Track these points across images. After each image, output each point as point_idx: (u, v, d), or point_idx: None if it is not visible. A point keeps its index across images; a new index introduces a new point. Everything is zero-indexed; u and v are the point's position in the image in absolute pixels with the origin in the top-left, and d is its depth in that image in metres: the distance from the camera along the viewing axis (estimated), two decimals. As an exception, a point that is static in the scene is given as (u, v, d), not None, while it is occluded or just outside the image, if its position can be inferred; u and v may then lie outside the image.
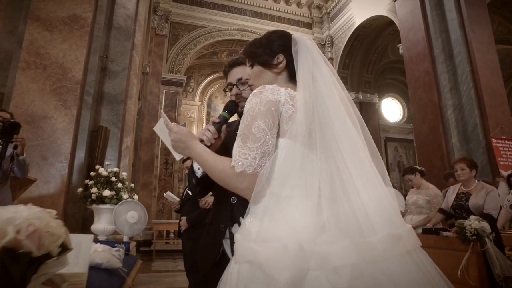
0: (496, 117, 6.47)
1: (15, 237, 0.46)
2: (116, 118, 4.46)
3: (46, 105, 3.86)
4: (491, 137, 6.14)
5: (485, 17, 7.32)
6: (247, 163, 0.81)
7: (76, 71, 4.04)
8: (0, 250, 0.44)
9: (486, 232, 2.32)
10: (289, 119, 0.85)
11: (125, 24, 4.85)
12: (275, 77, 0.99)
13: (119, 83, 4.62)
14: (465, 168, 2.92)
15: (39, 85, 3.90)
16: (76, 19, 4.23)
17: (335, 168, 0.78)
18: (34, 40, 4.03)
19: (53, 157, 3.74)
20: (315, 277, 0.67)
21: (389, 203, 0.76)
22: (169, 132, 0.96)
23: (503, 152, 6.14)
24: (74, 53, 4.09)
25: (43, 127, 3.78)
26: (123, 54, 4.74)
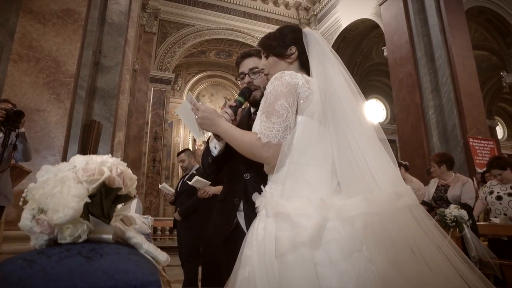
0: (473, 118, 6.84)
1: (111, 175, 0.56)
2: (109, 112, 4.48)
3: (39, 98, 3.86)
4: (468, 137, 6.49)
5: (464, 24, 7.71)
6: (272, 134, 0.94)
7: (69, 65, 4.05)
8: (101, 183, 0.55)
9: (464, 219, 2.52)
10: (306, 99, 0.99)
11: (118, 19, 4.88)
12: (288, 66, 1.13)
13: (111, 78, 4.64)
14: (434, 165, 3.15)
15: (31, 78, 3.90)
16: (70, 13, 4.23)
17: (345, 140, 0.92)
18: (26, 32, 4.02)
19: (46, 150, 3.74)
20: (334, 226, 0.80)
21: (391, 168, 0.91)
22: (195, 111, 1.07)
23: (479, 151, 6.50)
24: (67, 47, 4.10)
25: (36, 120, 3.78)
26: (116, 50, 4.77)
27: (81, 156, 0.63)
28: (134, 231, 0.61)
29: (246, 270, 0.85)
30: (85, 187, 0.54)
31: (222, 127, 1.04)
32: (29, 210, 0.55)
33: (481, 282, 0.81)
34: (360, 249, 0.79)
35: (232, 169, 1.30)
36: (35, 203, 0.54)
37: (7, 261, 0.47)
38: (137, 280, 0.45)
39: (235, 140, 1.01)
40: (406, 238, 0.82)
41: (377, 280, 0.74)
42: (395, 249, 0.80)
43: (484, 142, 6.57)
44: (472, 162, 6.35)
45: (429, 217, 0.90)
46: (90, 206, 0.54)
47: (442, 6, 7.51)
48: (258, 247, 0.86)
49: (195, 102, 1.08)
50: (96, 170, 0.56)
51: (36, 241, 0.55)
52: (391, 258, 0.79)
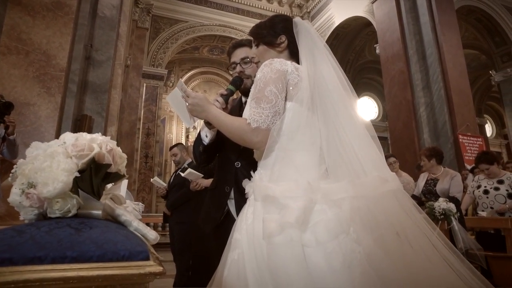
0: (462, 115, 6.95)
1: (100, 151, 0.57)
2: (101, 107, 4.45)
3: (28, 92, 3.81)
4: (458, 133, 6.59)
5: (454, 22, 7.81)
6: (261, 120, 0.96)
7: (60, 58, 4.00)
8: (90, 159, 0.55)
9: (452, 211, 2.58)
10: (295, 86, 1.00)
11: (110, 13, 4.83)
12: (278, 55, 1.14)
13: (103, 73, 4.60)
14: (424, 159, 3.20)
15: (21, 71, 3.84)
16: (60, 6, 4.17)
17: (333, 127, 0.94)
18: (15, 25, 3.95)
19: (36, 144, 3.70)
20: (321, 208, 0.82)
21: (376, 154, 0.93)
22: (185, 98, 1.08)
23: (468, 148, 6.61)
24: (58, 40, 4.04)
25: (25, 113, 3.73)
26: (108, 44, 4.72)
27: (71, 133, 0.63)
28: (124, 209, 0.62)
29: (235, 252, 0.87)
30: (75, 162, 0.54)
31: (212, 113, 1.04)
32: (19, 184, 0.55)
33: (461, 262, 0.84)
34: (347, 231, 0.81)
35: (223, 157, 1.31)
36: (25, 177, 0.54)
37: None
38: (125, 250, 0.46)
39: (225, 125, 1.02)
40: (391, 220, 0.85)
41: (363, 259, 0.76)
42: (381, 231, 0.83)
43: (473, 139, 6.69)
44: (461, 158, 6.46)
45: (412, 202, 0.92)
46: (80, 181, 0.54)
47: (434, 5, 7.59)
48: (247, 230, 0.88)
49: (185, 89, 1.08)
50: (86, 146, 0.56)
51: (25, 215, 0.55)
52: (377, 239, 0.81)
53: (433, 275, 0.79)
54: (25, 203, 0.53)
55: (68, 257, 0.43)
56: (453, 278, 0.81)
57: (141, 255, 0.47)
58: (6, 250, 0.41)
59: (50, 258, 0.42)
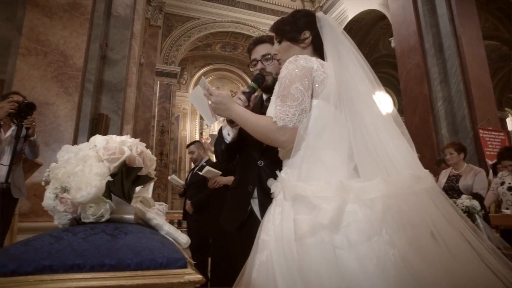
0: (483, 109, 6.73)
1: (131, 154, 0.56)
2: (117, 106, 4.50)
3: (47, 92, 3.88)
4: (479, 128, 6.40)
5: (473, 13, 7.55)
6: (287, 118, 0.93)
7: (77, 58, 4.06)
8: (122, 162, 0.54)
9: (476, 209, 2.49)
10: (321, 83, 0.97)
11: (124, 12, 4.87)
12: (302, 51, 1.11)
13: (118, 72, 4.65)
14: (453, 152, 3.10)
15: (40, 71, 3.91)
16: (76, 6, 4.23)
17: (361, 123, 0.91)
18: (34, 26, 4.03)
19: (56, 144, 3.77)
20: (353, 209, 0.79)
21: (408, 151, 0.90)
22: (208, 96, 1.06)
23: (489, 143, 6.41)
24: (74, 40, 4.10)
25: (45, 113, 3.81)
26: (122, 43, 4.77)
27: (101, 136, 0.62)
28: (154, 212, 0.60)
29: (263, 254, 0.85)
30: (107, 165, 0.53)
31: (236, 111, 1.02)
32: (52, 189, 0.55)
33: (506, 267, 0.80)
34: (380, 232, 0.78)
35: (245, 156, 1.29)
36: (58, 182, 0.54)
37: (34, 238, 0.47)
38: (163, 257, 0.45)
39: (250, 124, 1.00)
40: (426, 221, 0.81)
41: (398, 262, 0.74)
42: (415, 231, 0.80)
43: (494, 133, 6.48)
44: (482, 153, 6.27)
45: (448, 201, 0.89)
46: (112, 185, 0.53)
47: (452, -5, 7.35)
48: (275, 231, 0.86)
49: (208, 87, 1.07)
50: (117, 149, 0.55)
51: (59, 220, 0.54)
52: (411, 240, 0.78)
53: (472, 278, 0.75)
54: (59, 208, 0.52)
55: (107, 265, 0.42)
56: (494, 281, 0.77)
57: (179, 262, 0.46)
58: (46, 257, 0.40)
59: (89, 266, 0.41)
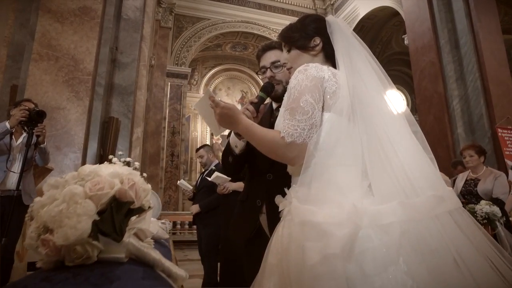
0: (502, 107, 6.49)
1: (122, 187, 0.51)
2: (127, 109, 4.51)
3: (59, 96, 3.92)
4: (497, 127, 6.17)
5: (492, 6, 7.29)
6: (296, 133, 0.87)
7: (87, 62, 4.08)
8: (111, 197, 0.50)
9: (497, 216, 2.38)
10: (333, 94, 0.91)
11: (134, 15, 4.87)
12: (312, 59, 1.05)
13: (128, 75, 4.66)
14: (473, 155, 2.97)
15: (51, 76, 3.95)
16: (86, 11, 4.25)
17: (376, 137, 0.84)
18: (46, 32, 4.07)
19: (67, 148, 3.80)
20: (367, 235, 0.73)
21: (429, 167, 0.83)
22: (214, 107, 1.00)
23: (508, 142, 6.18)
24: (85, 45, 4.13)
25: (56, 118, 3.84)
26: (132, 46, 4.77)
27: (89, 166, 0.58)
28: (150, 246, 0.56)
29: (271, 281, 0.79)
30: (94, 203, 0.49)
31: (242, 124, 0.97)
32: (34, 228, 0.51)
33: None
34: (396, 261, 0.71)
35: (253, 169, 1.24)
36: (40, 220, 0.50)
37: (9, 286, 0.43)
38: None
39: (257, 139, 0.94)
40: (448, 247, 0.74)
41: None
42: (436, 260, 0.72)
43: (514, 132, 6.23)
44: (501, 153, 6.05)
45: (475, 223, 0.81)
46: (100, 223, 0.49)
47: (468, -11, 7.11)
48: (282, 254, 0.80)
49: (214, 98, 1.02)
50: (106, 183, 0.51)
51: (42, 263, 0.51)
52: (432, 269, 0.71)
53: None
54: (41, 250, 0.48)
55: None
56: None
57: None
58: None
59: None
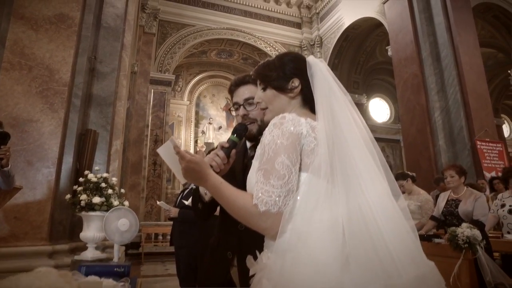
0: (480, 120, 6.65)
1: None
2: (105, 121, 4.35)
3: (31, 108, 3.73)
4: (476, 139, 6.31)
5: (471, 22, 7.49)
6: (271, 201, 0.79)
7: (63, 72, 3.91)
8: None
9: (477, 240, 2.37)
10: (311, 152, 0.83)
11: (114, 23, 4.73)
12: (289, 101, 0.97)
13: (108, 85, 4.50)
14: (454, 175, 2.97)
15: (24, 87, 3.76)
16: (63, 18, 4.08)
17: (356, 203, 0.77)
18: (18, 39, 3.88)
19: (40, 163, 3.61)
20: None
21: (410, 239, 0.76)
22: (179, 160, 0.92)
23: (487, 155, 6.32)
24: (61, 54, 3.95)
25: (28, 131, 3.65)
26: (112, 55, 4.63)
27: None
28: None
29: None
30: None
31: (210, 182, 0.88)
32: None
33: None
34: None
35: (224, 216, 1.14)
36: None
37: None
38: None
39: (226, 201, 0.85)
40: None
41: None
42: None
43: (492, 145, 6.40)
44: (479, 165, 6.18)
45: None
46: None
47: (449, 4, 7.30)
48: None
49: (178, 150, 0.93)
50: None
51: None
52: None
53: None
54: None
55: None
56: None
57: None
58: None
59: None
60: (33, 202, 3.48)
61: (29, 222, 3.39)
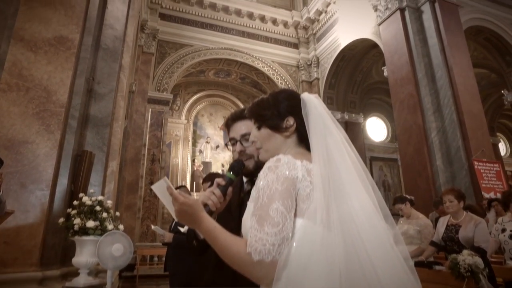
0: (477, 139, 6.68)
1: None
2: (102, 142, 4.32)
3: (27, 130, 3.70)
4: (473, 159, 6.31)
5: (463, 44, 7.66)
6: (265, 250, 0.76)
7: (61, 94, 3.91)
8: None
9: (480, 268, 2.32)
10: (307, 197, 0.81)
11: (113, 45, 4.78)
12: (284, 140, 0.96)
13: (105, 106, 4.50)
14: (453, 200, 2.94)
15: (20, 108, 3.75)
16: (63, 41, 4.12)
17: (353, 248, 0.74)
18: (17, 61, 3.90)
19: (33, 185, 3.56)
20: None
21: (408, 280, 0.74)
22: (173, 201, 0.89)
23: (484, 175, 6.31)
24: (59, 76, 3.97)
25: (23, 152, 3.61)
26: (110, 76, 4.65)
27: None
28: None
29: None
30: None
31: (204, 225, 0.85)
32: None
33: None
34: None
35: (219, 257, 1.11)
36: None
37: None
38: None
39: (220, 247, 0.83)
40: None
41: None
42: None
43: (489, 164, 6.40)
44: (478, 186, 6.16)
45: None
46: None
47: (441, 27, 7.48)
48: None
49: (172, 191, 0.91)
50: None
51: None
52: None
53: None
54: None
55: None
56: None
57: None
58: None
59: None
60: (25, 226, 3.40)
61: (19, 246, 3.29)
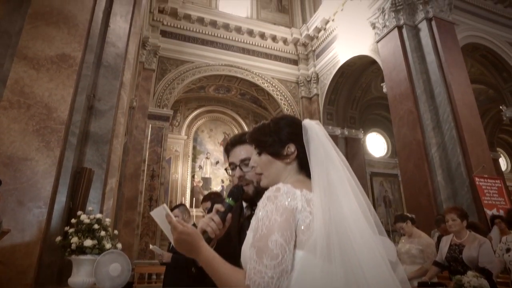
0: (477, 155, 6.67)
1: None
2: (101, 158, 4.31)
3: (27, 147, 3.69)
4: (474, 176, 6.28)
5: (461, 61, 7.76)
6: (264, 283, 0.74)
7: (61, 111, 3.92)
8: None
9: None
10: (307, 228, 0.79)
11: (114, 62, 4.83)
12: (285, 167, 0.95)
13: (105, 123, 4.51)
14: (456, 219, 2.90)
15: (21, 125, 3.75)
16: (65, 58, 4.17)
17: (354, 280, 0.72)
18: (19, 78, 3.93)
19: (31, 203, 3.52)
20: None
21: None
22: (172, 230, 0.88)
23: (486, 191, 6.26)
24: (60, 93, 3.99)
25: (22, 169, 3.59)
26: (111, 93, 4.68)
27: None
28: None
29: None
30: None
31: (203, 255, 0.84)
32: None
33: None
34: None
35: None
36: None
37: None
38: None
39: (219, 278, 0.81)
40: None
41: None
42: None
43: (491, 181, 6.36)
44: (480, 202, 6.10)
45: None
46: None
47: (439, 44, 7.59)
48: None
49: (170, 219, 0.89)
50: None
51: None
52: None
53: None
54: None
55: None
56: None
57: None
58: None
59: None
60: (21, 245, 3.34)
61: (14, 266, 3.22)
